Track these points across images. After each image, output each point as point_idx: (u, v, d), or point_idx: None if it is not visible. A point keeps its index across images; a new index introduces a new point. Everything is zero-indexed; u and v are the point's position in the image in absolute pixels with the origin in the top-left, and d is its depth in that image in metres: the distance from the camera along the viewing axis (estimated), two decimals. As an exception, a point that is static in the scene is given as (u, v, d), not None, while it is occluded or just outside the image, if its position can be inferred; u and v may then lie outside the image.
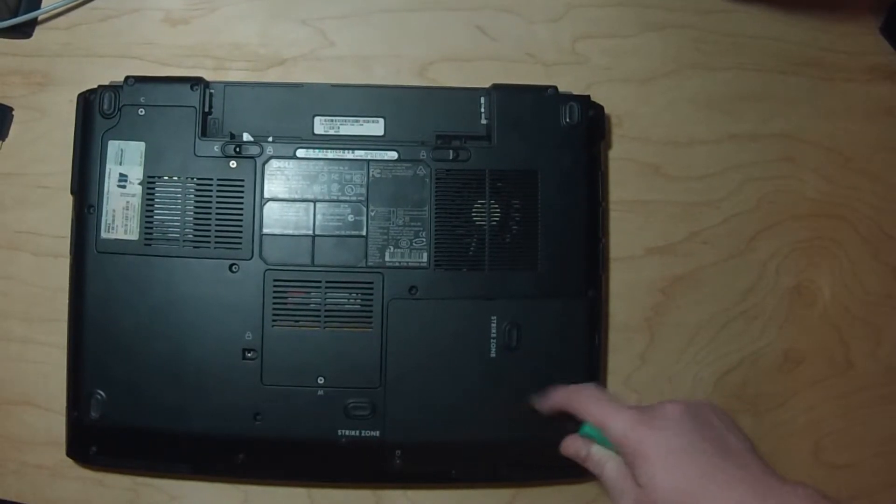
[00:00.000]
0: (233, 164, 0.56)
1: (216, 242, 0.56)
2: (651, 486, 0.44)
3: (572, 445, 0.51)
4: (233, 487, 0.59)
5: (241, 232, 0.56)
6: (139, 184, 0.56)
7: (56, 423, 0.57)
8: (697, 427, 0.46)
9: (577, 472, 0.56)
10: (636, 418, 0.46)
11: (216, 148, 0.56)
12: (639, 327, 0.63)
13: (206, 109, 0.57)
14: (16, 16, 0.60)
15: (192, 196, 0.56)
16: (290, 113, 0.58)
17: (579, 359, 0.57)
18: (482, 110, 0.58)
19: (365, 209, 0.57)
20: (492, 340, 0.56)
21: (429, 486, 0.60)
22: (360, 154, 0.57)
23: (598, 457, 0.49)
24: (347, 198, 0.57)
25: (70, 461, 0.57)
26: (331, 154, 0.57)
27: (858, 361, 0.65)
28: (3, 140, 0.61)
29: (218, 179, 0.56)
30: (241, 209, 0.56)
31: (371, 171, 0.57)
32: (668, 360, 0.63)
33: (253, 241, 0.56)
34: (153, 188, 0.56)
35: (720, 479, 0.43)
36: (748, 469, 0.44)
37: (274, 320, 0.55)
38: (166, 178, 0.56)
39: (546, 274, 0.57)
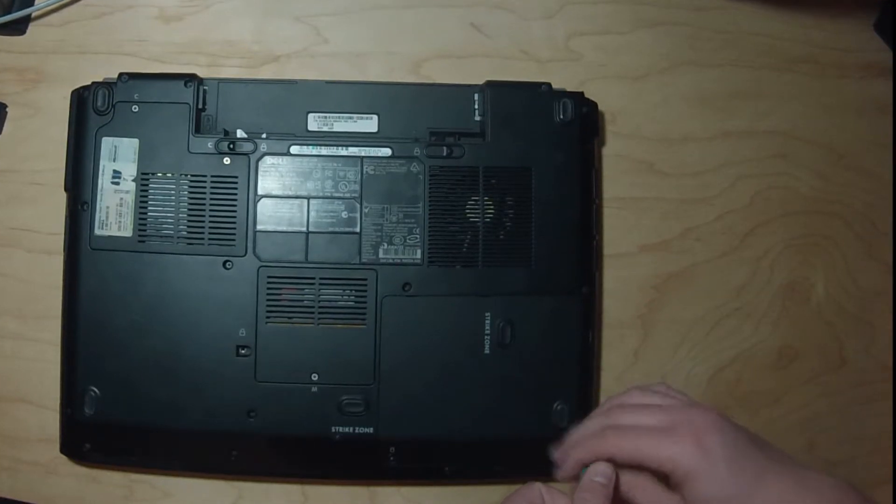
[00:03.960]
0: (227, 160, 0.56)
1: (210, 239, 0.56)
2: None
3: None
4: (227, 484, 0.59)
5: (234, 228, 0.56)
6: (133, 180, 0.56)
7: (50, 420, 0.57)
8: (733, 429, 0.43)
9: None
10: (673, 438, 0.43)
11: (210, 145, 0.56)
12: (632, 324, 0.63)
13: (200, 106, 0.57)
14: (10, 12, 0.60)
15: (185, 193, 0.56)
16: (283, 110, 0.58)
17: (573, 355, 0.57)
18: (476, 107, 0.58)
19: (359, 206, 0.56)
20: (485, 337, 0.56)
21: (423, 483, 0.60)
22: (353, 151, 0.57)
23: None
24: (341, 194, 0.57)
25: (64, 458, 0.57)
26: (325, 151, 0.57)
27: (852, 358, 0.65)
28: (-3, 137, 0.61)
29: (212, 176, 0.56)
30: (235, 206, 0.56)
31: (365, 167, 0.57)
32: (662, 357, 0.63)
33: (247, 237, 0.56)
34: (147, 185, 0.56)
35: (769, 479, 0.42)
36: (785, 463, 0.43)
37: (268, 317, 0.55)
38: (160, 174, 0.56)
39: (540, 271, 0.57)
